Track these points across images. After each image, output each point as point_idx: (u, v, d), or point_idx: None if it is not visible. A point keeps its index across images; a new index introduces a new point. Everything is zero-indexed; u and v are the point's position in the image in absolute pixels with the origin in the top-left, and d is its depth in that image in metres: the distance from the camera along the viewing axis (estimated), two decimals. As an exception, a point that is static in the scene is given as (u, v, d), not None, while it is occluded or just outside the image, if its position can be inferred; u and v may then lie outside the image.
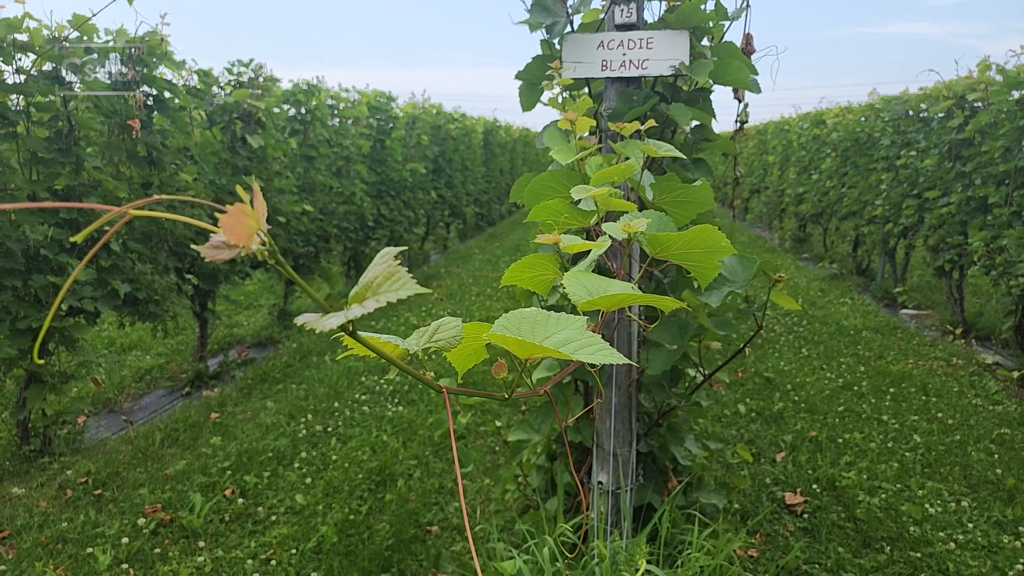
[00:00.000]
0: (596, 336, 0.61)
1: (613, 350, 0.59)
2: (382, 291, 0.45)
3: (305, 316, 0.45)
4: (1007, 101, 4.42)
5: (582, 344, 0.59)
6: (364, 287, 0.47)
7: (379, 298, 0.45)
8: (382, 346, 0.52)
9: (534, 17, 1.87)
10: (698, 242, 1.04)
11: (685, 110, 1.89)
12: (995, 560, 2.51)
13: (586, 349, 0.58)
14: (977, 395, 4.11)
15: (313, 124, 6.20)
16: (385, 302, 0.44)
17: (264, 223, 0.39)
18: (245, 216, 0.37)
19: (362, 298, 0.46)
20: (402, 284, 0.46)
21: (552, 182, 1.46)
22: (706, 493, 2.24)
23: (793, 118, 10.13)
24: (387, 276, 0.46)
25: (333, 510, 2.94)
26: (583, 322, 0.63)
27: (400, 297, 0.45)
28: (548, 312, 0.65)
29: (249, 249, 0.39)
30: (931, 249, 5.45)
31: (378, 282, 0.46)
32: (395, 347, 0.53)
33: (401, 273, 0.47)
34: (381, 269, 0.47)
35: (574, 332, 0.61)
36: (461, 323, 0.59)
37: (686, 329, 1.83)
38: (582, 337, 0.61)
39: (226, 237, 0.37)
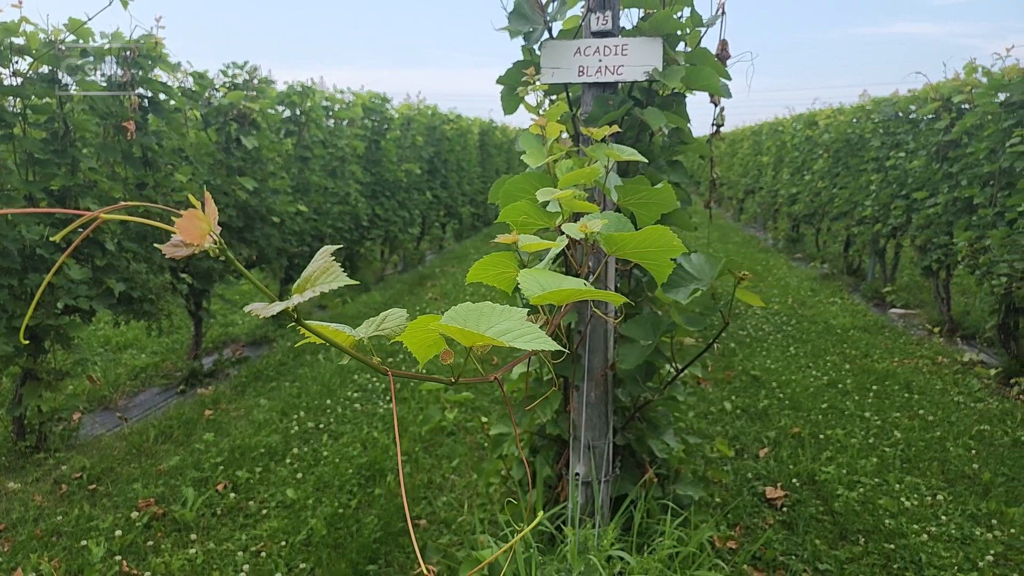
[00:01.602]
0: (533, 326, 0.67)
1: (546, 338, 0.66)
2: (319, 283, 0.51)
3: (253, 305, 0.51)
4: (992, 103, 4.49)
5: (520, 333, 0.66)
6: (304, 279, 0.53)
7: (315, 289, 0.51)
8: (331, 333, 0.58)
9: (513, 24, 1.94)
10: (651, 241, 1.10)
11: (659, 114, 1.95)
12: (967, 551, 2.58)
13: (523, 337, 0.65)
14: (960, 392, 4.18)
15: (308, 125, 6.26)
16: (319, 292, 0.50)
17: (215, 225, 0.45)
18: (198, 220, 0.43)
19: (302, 289, 0.53)
20: (335, 277, 0.52)
21: (525, 184, 1.53)
22: (683, 485, 2.31)
23: (787, 119, 10.20)
24: (324, 270, 0.52)
25: (323, 504, 3.00)
26: (523, 314, 0.69)
27: (332, 288, 0.51)
28: (494, 305, 0.71)
29: (203, 247, 0.45)
30: (919, 249, 5.52)
31: (316, 275, 0.52)
32: (346, 335, 0.59)
33: (335, 268, 0.53)
34: (319, 264, 0.53)
35: (514, 323, 0.67)
36: (405, 313, 0.65)
37: (658, 325, 1.90)
38: (521, 327, 0.67)
39: (182, 237, 0.43)
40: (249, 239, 5.21)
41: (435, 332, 0.65)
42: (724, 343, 5.36)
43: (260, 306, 0.50)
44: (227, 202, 4.90)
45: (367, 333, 0.61)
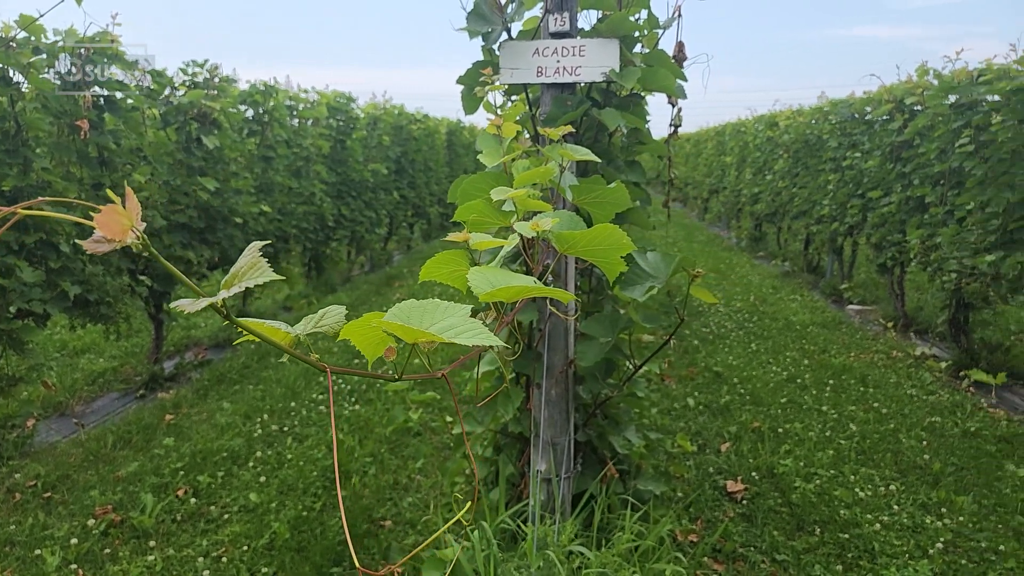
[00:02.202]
0: (476, 322, 0.68)
1: (489, 334, 0.67)
2: (246, 278, 0.52)
3: (181, 301, 0.52)
4: (942, 105, 4.63)
5: (463, 329, 0.67)
6: (232, 275, 0.54)
7: (242, 284, 0.51)
8: (266, 331, 0.59)
9: (471, 25, 1.95)
10: (602, 240, 1.12)
11: (616, 115, 1.98)
12: (918, 540, 2.66)
13: (465, 334, 0.66)
14: (913, 385, 4.31)
15: (271, 125, 6.19)
16: (245, 287, 0.51)
17: (138, 221, 0.45)
18: (118, 215, 0.43)
19: (230, 284, 0.53)
20: (261, 272, 0.53)
21: (482, 183, 1.54)
22: (644, 480, 2.34)
23: (749, 120, 10.38)
24: (251, 266, 0.53)
25: (287, 507, 2.98)
26: (467, 310, 0.71)
27: (258, 283, 0.52)
28: (438, 302, 0.72)
29: (124, 243, 0.45)
30: (874, 247, 5.67)
31: (243, 271, 0.53)
32: (283, 333, 0.60)
33: (262, 264, 0.54)
34: (247, 260, 0.54)
35: (458, 319, 0.68)
36: (344, 310, 0.66)
37: (617, 322, 1.93)
38: (464, 323, 0.68)
39: (102, 232, 0.43)
40: (211, 240, 5.13)
41: (379, 329, 0.66)
42: (688, 340, 5.44)
43: (187, 302, 0.51)
44: (188, 202, 4.81)
45: (305, 330, 0.62)
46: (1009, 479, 3.12)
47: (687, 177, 16.41)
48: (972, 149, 4.22)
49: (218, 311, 0.52)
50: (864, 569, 2.48)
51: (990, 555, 2.56)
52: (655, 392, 4.34)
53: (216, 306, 0.50)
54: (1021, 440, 3.51)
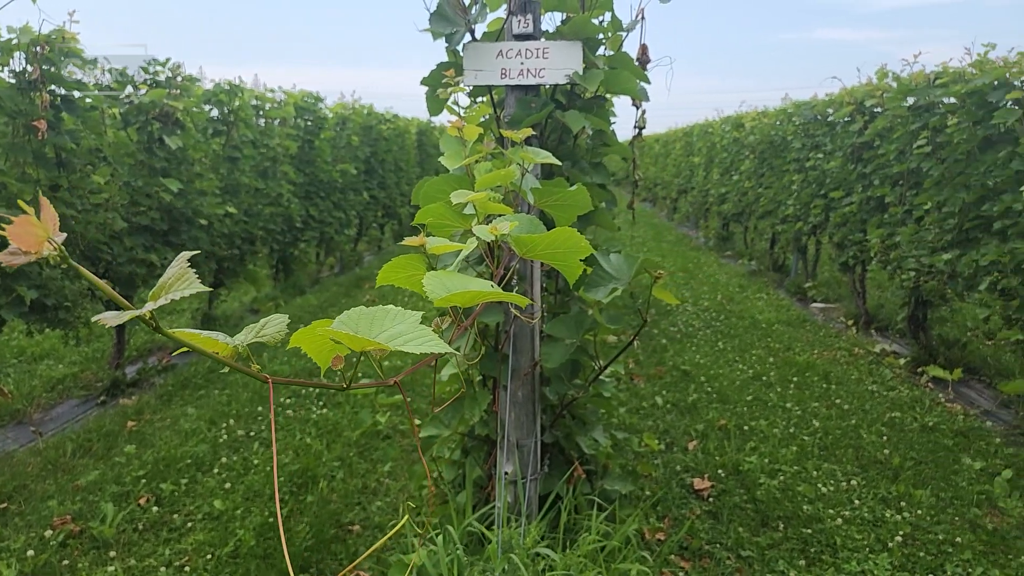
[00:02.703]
0: (426, 329, 0.68)
1: (439, 341, 0.67)
2: (173, 290, 0.51)
3: (104, 315, 0.51)
4: (900, 107, 4.74)
5: (411, 337, 0.66)
6: (159, 287, 0.53)
7: (169, 296, 0.50)
8: (202, 342, 0.58)
9: (434, 26, 1.94)
10: (560, 243, 1.13)
11: (579, 117, 1.99)
12: (878, 533, 2.72)
13: (414, 341, 0.65)
14: (874, 382, 4.41)
15: (237, 125, 6.09)
16: (170, 299, 0.50)
17: (55, 231, 0.44)
18: (32, 226, 0.42)
19: (157, 296, 0.52)
20: (188, 284, 0.52)
21: (444, 186, 1.53)
22: (611, 480, 2.36)
23: (716, 121, 10.52)
24: (178, 277, 0.52)
25: (252, 514, 2.94)
26: (417, 317, 0.70)
27: (184, 295, 0.51)
28: (388, 309, 0.72)
29: (41, 255, 0.43)
30: (836, 246, 5.79)
31: (170, 282, 0.52)
32: (221, 344, 0.59)
33: (189, 275, 0.53)
34: (174, 271, 0.53)
35: (407, 326, 0.68)
36: (286, 319, 0.65)
37: (582, 324, 1.93)
38: (413, 331, 0.68)
39: (16, 245, 0.42)
40: (175, 242, 5.03)
41: (323, 338, 0.65)
42: (656, 340, 5.49)
43: (111, 315, 0.50)
44: (150, 204, 4.72)
45: (246, 340, 0.61)
46: (965, 472, 3.20)
47: (656, 177, 16.57)
48: (929, 150, 4.33)
49: (147, 323, 0.51)
50: (826, 563, 2.53)
51: (947, 547, 2.63)
52: (624, 391, 4.37)
53: (144, 318, 0.49)
54: (977, 434, 3.62)
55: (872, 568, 2.46)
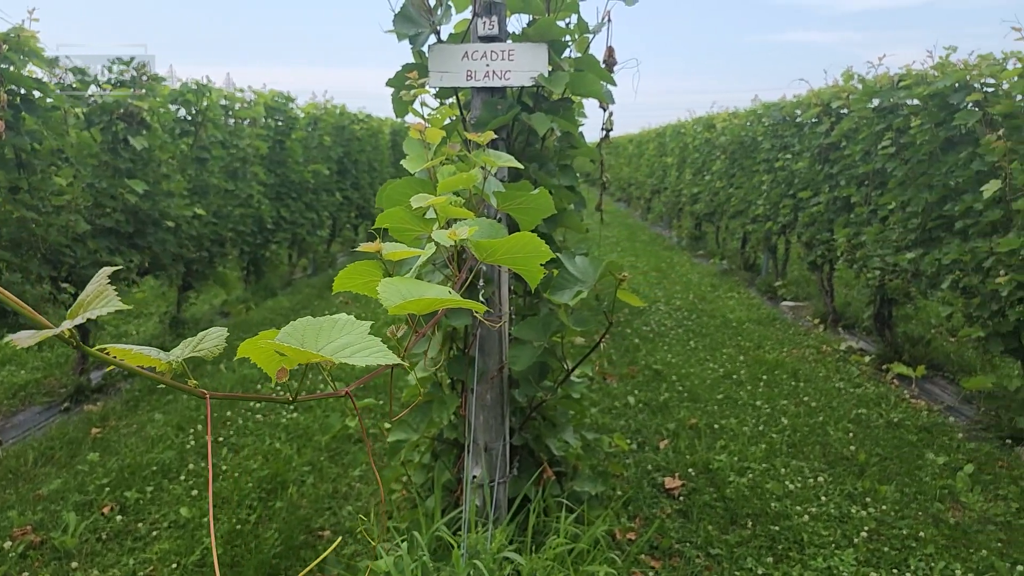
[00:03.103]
0: (375, 340, 0.67)
1: (386, 352, 0.66)
2: (92, 307, 0.50)
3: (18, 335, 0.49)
4: (866, 108, 4.82)
5: (360, 348, 0.65)
6: (78, 304, 0.51)
7: (87, 314, 0.49)
8: (133, 358, 0.56)
9: (398, 27, 1.93)
10: (520, 248, 1.12)
11: (545, 119, 1.99)
12: (844, 529, 2.77)
13: (361, 353, 0.64)
14: (841, 379, 4.48)
15: (205, 125, 6.00)
16: (86, 318, 0.48)
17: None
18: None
19: (75, 314, 0.51)
20: (108, 301, 0.51)
21: (407, 189, 1.52)
22: (580, 481, 2.36)
23: (688, 122, 10.61)
24: (97, 294, 0.51)
25: (220, 522, 2.89)
26: (366, 327, 0.69)
27: (102, 313, 0.49)
28: (337, 318, 0.71)
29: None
30: (805, 245, 5.87)
31: (89, 300, 0.51)
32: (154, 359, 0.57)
33: (109, 292, 0.52)
34: (93, 288, 0.51)
35: (355, 337, 0.67)
36: (225, 332, 0.64)
37: (549, 326, 1.93)
38: (361, 341, 0.67)
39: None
40: (141, 245, 4.94)
41: (267, 349, 0.64)
42: (629, 339, 5.52)
43: (26, 335, 0.48)
44: (115, 206, 4.62)
45: (182, 355, 0.59)
46: (929, 467, 3.27)
47: (630, 178, 16.67)
48: (893, 151, 4.41)
49: (66, 342, 0.49)
50: (793, 560, 2.56)
51: (911, 542, 2.68)
52: (597, 391, 4.38)
53: (63, 337, 0.48)
54: (940, 429, 3.69)
55: (838, 564, 2.50)
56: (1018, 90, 3.55)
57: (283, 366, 0.65)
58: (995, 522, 2.80)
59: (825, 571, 2.48)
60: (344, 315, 0.75)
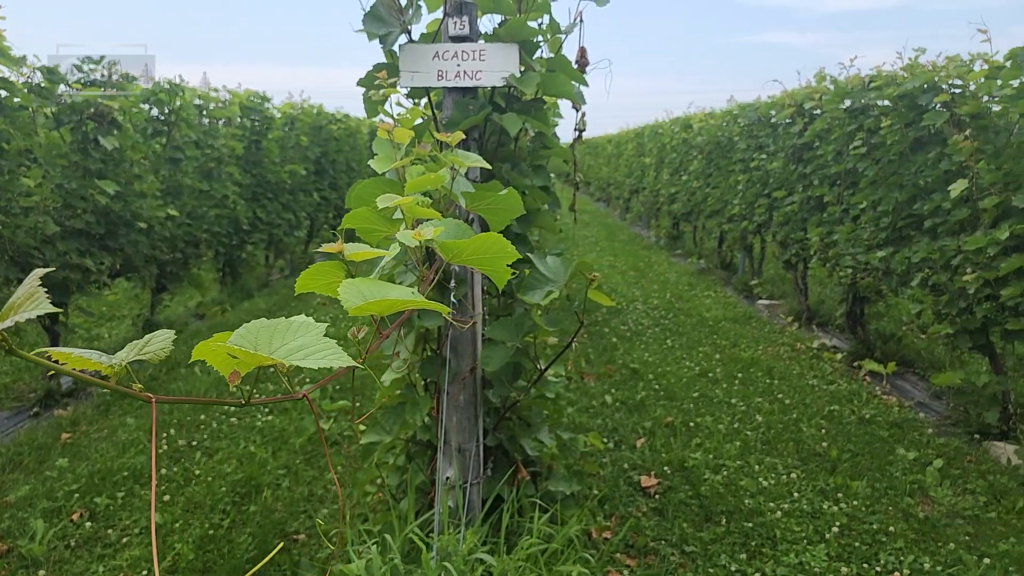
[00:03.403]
0: (330, 342, 0.66)
1: (341, 355, 0.65)
2: (22, 310, 0.49)
3: None
4: (837, 109, 4.89)
5: (314, 350, 0.65)
6: (8, 307, 0.50)
7: (15, 317, 0.48)
8: (75, 362, 0.55)
9: (368, 26, 1.92)
10: (486, 248, 1.12)
11: (516, 119, 1.99)
12: (816, 525, 2.80)
13: (315, 355, 0.64)
14: (815, 376, 4.54)
15: (178, 125, 5.92)
16: (15, 322, 0.47)
17: None
18: None
19: (5, 316, 0.50)
20: (37, 304, 0.50)
21: (376, 189, 1.51)
22: (555, 481, 2.37)
23: (666, 122, 10.68)
24: (27, 297, 0.50)
25: (192, 527, 2.85)
26: (322, 328, 0.69)
27: (31, 316, 0.49)
28: (293, 320, 0.70)
29: None
30: (779, 244, 5.94)
31: (19, 302, 0.50)
32: (95, 363, 0.56)
33: (39, 294, 0.51)
34: (24, 290, 0.51)
35: (311, 339, 0.66)
36: (172, 335, 0.63)
37: (521, 326, 1.93)
38: (316, 343, 0.66)
39: None
40: (112, 247, 4.86)
41: (220, 352, 0.63)
42: (607, 338, 5.55)
43: None
44: (85, 207, 4.54)
45: (127, 358, 0.58)
46: (899, 462, 3.32)
47: (609, 178, 16.74)
48: (864, 151, 4.48)
49: (0, 346, 0.48)
50: (766, 556, 2.59)
51: (881, 536, 2.72)
52: (575, 390, 4.40)
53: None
54: (911, 425, 3.75)
55: (810, 560, 2.53)
56: (984, 91, 3.62)
57: (235, 369, 0.64)
58: (963, 516, 2.86)
59: (797, 567, 2.51)
60: (301, 317, 0.74)
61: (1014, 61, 3.22)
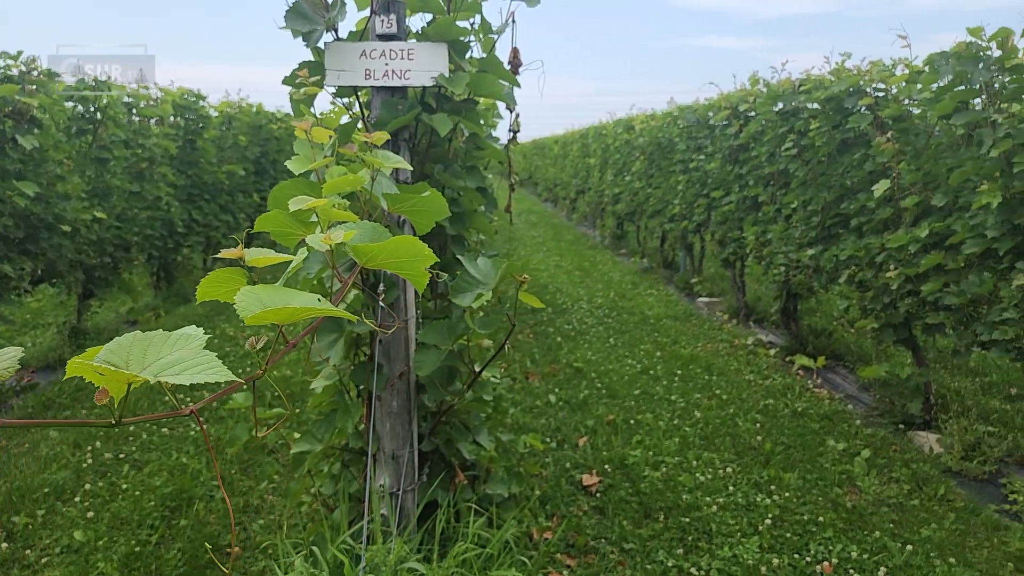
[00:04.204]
0: (209, 355, 0.63)
1: (221, 369, 0.62)
2: None
3: None
4: (770, 112, 5.03)
5: (191, 365, 0.61)
6: None
7: None
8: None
9: (291, 23, 1.86)
10: (402, 251, 1.10)
11: (447, 120, 1.97)
12: (750, 517, 2.87)
13: (190, 371, 0.60)
14: (751, 371, 4.65)
15: (105, 123, 5.68)
16: None
17: None
18: None
19: None
20: None
21: (296, 191, 1.47)
22: (493, 484, 2.35)
23: (609, 123, 10.80)
24: None
25: (118, 544, 2.73)
26: (202, 341, 0.65)
27: None
28: (169, 334, 0.66)
29: None
30: (718, 243, 6.07)
31: None
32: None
33: None
34: None
35: (188, 352, 0.63)
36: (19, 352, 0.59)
37: (454, 329, 1.91)
38: (195, 357, 0.63)
39: None
40: (33, 251, 4.62)
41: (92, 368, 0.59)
42: (552, 338, 5.57)
43: None
44: (2, 210, 4.31)
45: (-35, 378, 0.54)
46: (829, 453, 3.43)
47: (556, 178, 16.84)
48: (795, 152, 4.61)
49: None
50: (702, 550, 2.63)
51: (811, 527, 2.80)
52: (519, 391, 4.39)
53: None
54: (841, 417, 3.88)
55: (743, 552, 2.59)
56: (905, 94, 3.77)
57: (102, 387, 0.60)
58: (888, 504, 2.97)
59: (731, 560, 2.56)
60: (186, 328, 0.70)
61: (932, 66, 3.37)
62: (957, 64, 3.12)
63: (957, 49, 3.16)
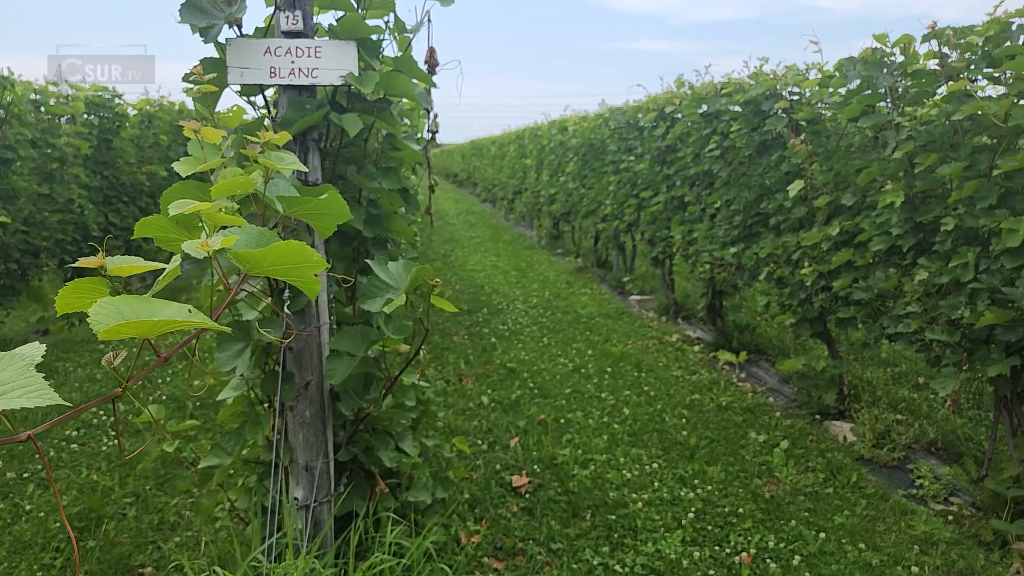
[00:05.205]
0: (36, 377, 0.58)
1: (48, 392, 0.57)
2: None
3: None
4: (695, 114, 5.14)
5: (13, 387, 0.56)
6: None
7: None
8: None
9: (187, 17, 1.78)
10: (288, 257, 1.05)
11: (357, 120, 1.92)
12: (674, 512, 2.91)
13: (10, 395, 0.55)
14: (679, 367, 4.75)
15: (10, 122, 5.35)
16: None
17: None
18: None
19: None
20: None
21: (187, 193, 1.40)
22: (415, 491, 2.31)
23: (544, 125, 10.86)
24: None
25: (19, 569, 2.57)
26: (28, 362, 0.60)
27: None
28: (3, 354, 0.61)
29: None
30: (648, 242, 6.18)
31: None
32: None
33: None
34: None
35: (12, 374, 0.58)
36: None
37: (367, 335, 1.87)
38: (20, 379, 0.57)
39: None
40: (-74, 259, 4.31)
41: None
42: (487, 339, 5.55)
43: None
44: None
45: None
46: (751, 446, 3.53)
47: (494, 179, 16.84)
48: (719, 153, 4.73)
49: None
50: (628, 547, 2.66)
51: (732, 519, 2.86)
52: (452, 393, 4.36)
53: None
54: (762, 409, 4.00)
55: (666, 547, 2.63)
56: (817, 98, 3.91)
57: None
58: (804, 493, 3.07)
59: (655, 555, 2.60)
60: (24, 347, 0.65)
61: (841, 71, 3.50)
62: (864, 69, 3.25)
63: (864, 55, 3.29)
